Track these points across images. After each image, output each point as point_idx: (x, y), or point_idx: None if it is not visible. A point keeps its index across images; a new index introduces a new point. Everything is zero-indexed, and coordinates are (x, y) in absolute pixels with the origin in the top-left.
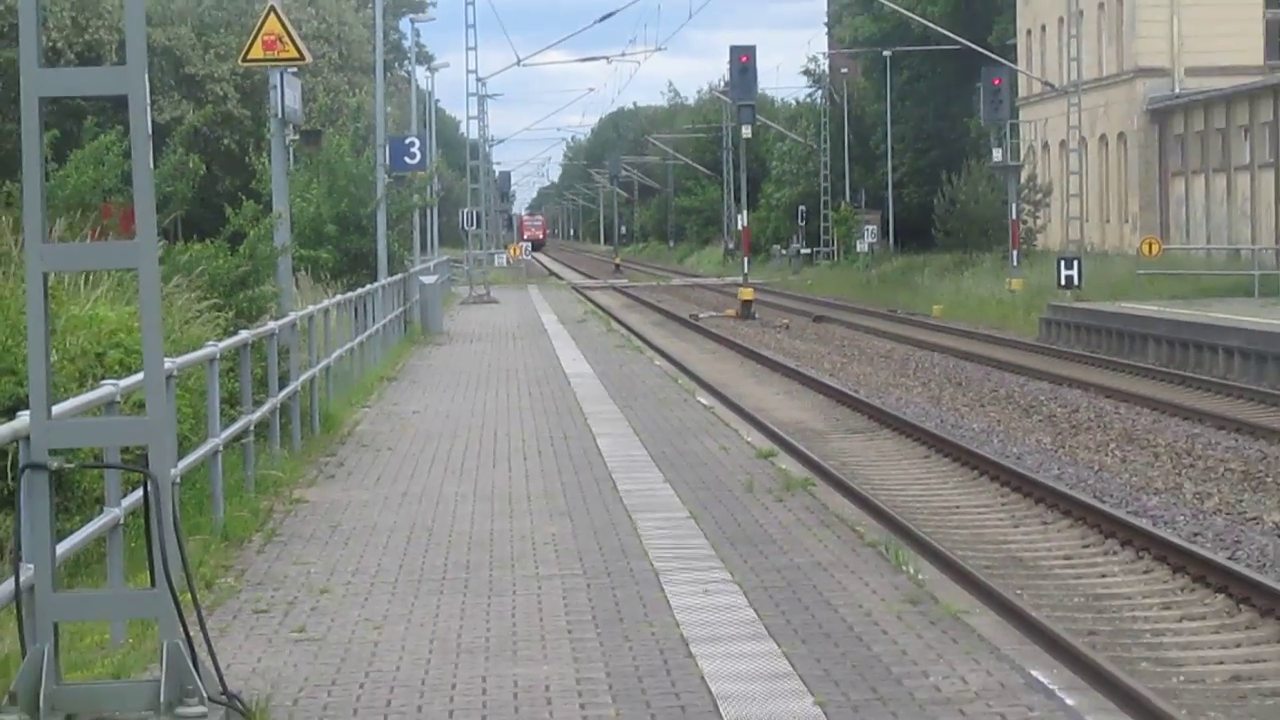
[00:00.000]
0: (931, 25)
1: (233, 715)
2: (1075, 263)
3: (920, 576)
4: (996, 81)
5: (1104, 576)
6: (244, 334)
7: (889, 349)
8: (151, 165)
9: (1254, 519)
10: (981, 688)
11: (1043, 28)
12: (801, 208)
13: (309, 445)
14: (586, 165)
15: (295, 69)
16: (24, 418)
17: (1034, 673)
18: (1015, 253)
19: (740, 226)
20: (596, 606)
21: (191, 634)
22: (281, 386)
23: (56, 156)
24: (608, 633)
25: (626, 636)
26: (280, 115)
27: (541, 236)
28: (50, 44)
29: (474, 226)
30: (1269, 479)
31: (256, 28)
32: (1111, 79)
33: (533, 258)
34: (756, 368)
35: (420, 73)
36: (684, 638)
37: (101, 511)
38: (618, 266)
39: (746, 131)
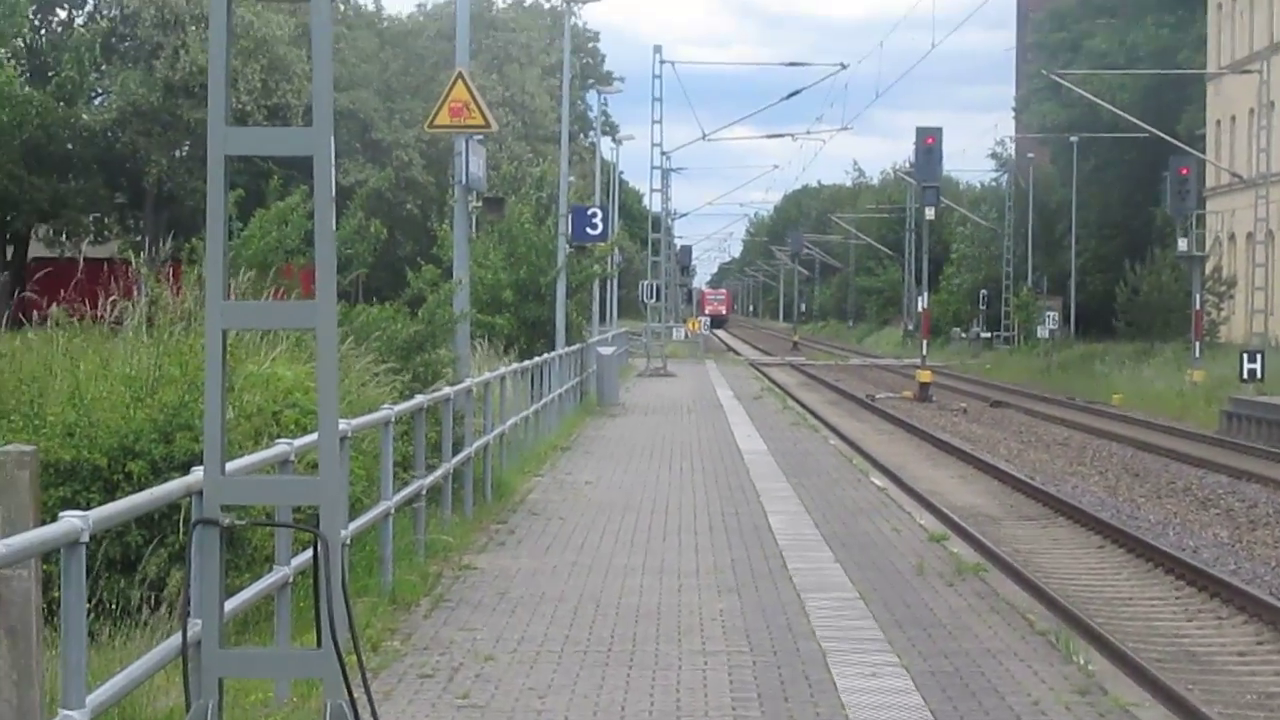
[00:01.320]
0: (1120, 113)
1: None
2: (1259, 356)
3: (1090, 667)
4: (1184, 171)
5: (1278, 674)
6: (420, 398)
7: (1066, 436)
8: (334, 227)
9: None
10: None
11: (1232, 118)
12: (983, 291)
13: (480, 512)
14: (768, 242)
15: (481, 136)
16: (198, 473)
17: None
18: (1198, 344)
19: (920, 308)
20: (762, 685)
21: (355, 696)
22: (455, 452)
23: (241, 215)
24: (772, 712)
25: (791, 717)
26: (464, 181)
27: (724, 312)
28: (239, 106)
29: (653, 299)
30: None
31: (444, 94)
32: None
33: (711, 333)
34: (932, 450)
35: (605, 144)
36: None
37: (271, 569)
38: (795, 344)
39: (930, 213)
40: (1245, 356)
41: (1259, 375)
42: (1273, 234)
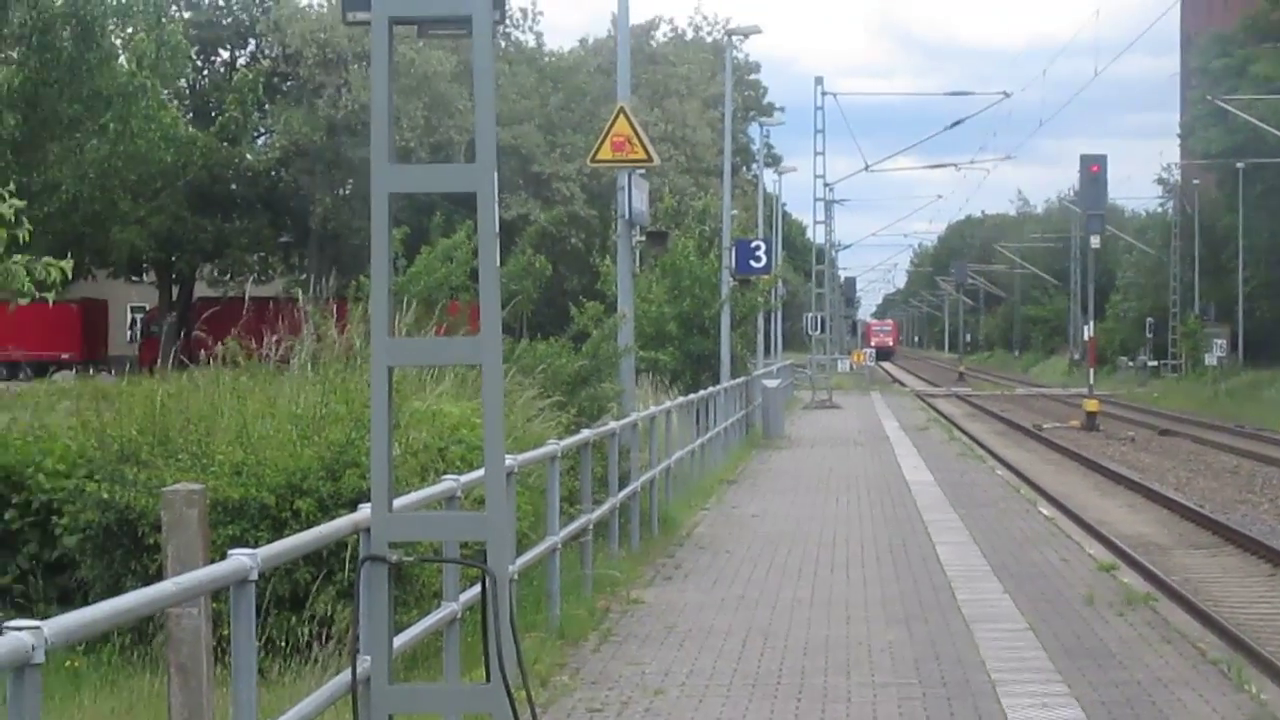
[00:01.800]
0: None
1: None
2: None
3: (1263, 696)
4: None
5: None
6: (585, 433)
7: (1235, 464)
8: (498, 263)
9: None
10: None
11: None
12: (1149, 319)
13: (647, 546)
14: (932, 272)
15: (643, 170)
16: (365, 510)
17: None
18: None
19: (1087, 337)
20: (931, 717)
21: None
22: (621, 486)
23: (406, 253)
24: None
25: None
26: (627, 216)
27: (891, 343)
28: (402, 143)
29: (817, 331)
30: None
31: (606, 129)
32: None
33: (877, 365)
34: (1099, 480)
35: (768, 176)
36: None
37: (439, 605)
38: (961, 374)
39: (1095, 241)
40: None
41: None
42: None
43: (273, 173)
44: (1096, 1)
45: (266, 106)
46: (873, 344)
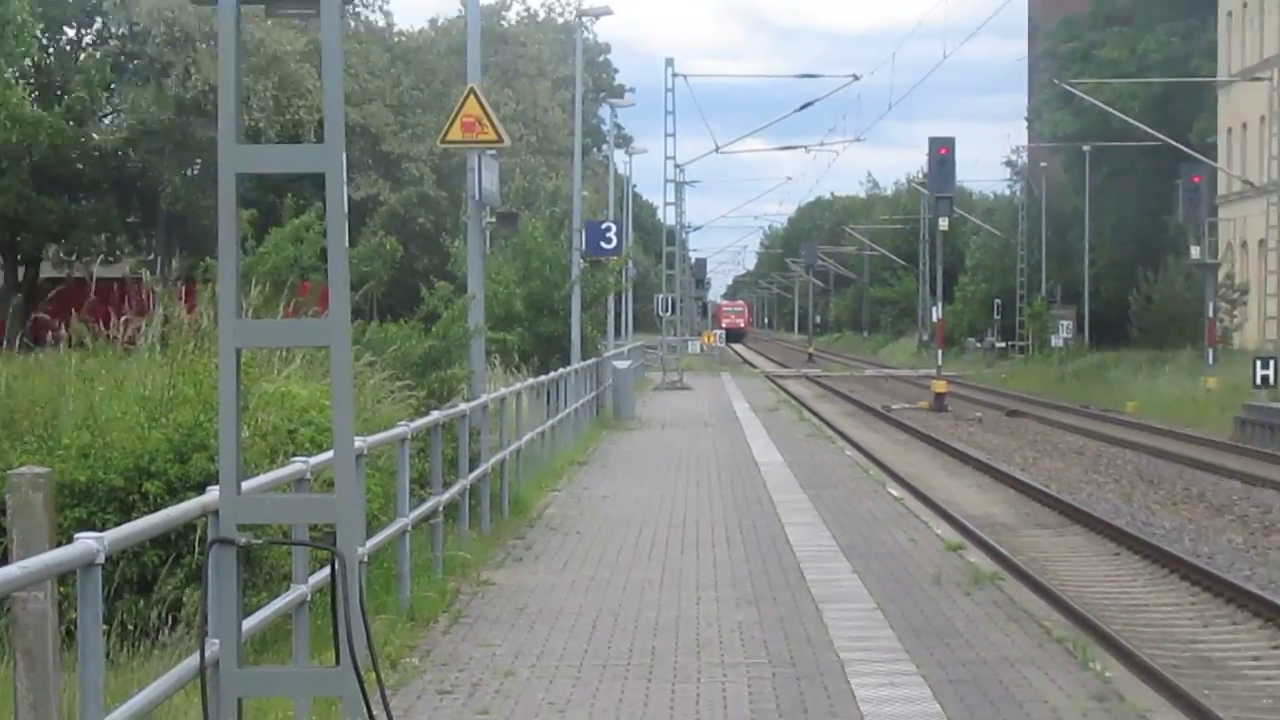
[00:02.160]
0: (1132, 121)
1: None
2: (1271, 363)
3: (1107, 674)
4: (1196, 179)
5: None
6: (435, 414)
7: (1081, 445)
8: (347, 244)
9: None
10: None
11: (1243, 126)
12: (997, 301)
13: (497, 527)
14: (783, 254)
15: (493, 151)
16: (213, 493)
17: None
18: (1210, 351)
19: (935, 319)
20: (781, 697)
21: (375, 714)
22: (471, 468)
23: (257, 234)
24: None
25: None
26: (478, 197)
27: (743, 325)
28: (251, 123)
29: (668, 313)
30: None
31: (455, 109)
32: None
33: (728, 346)
34: (947, 460)
35: (618, 157)
36: None
37: (288, 588)
38: (811, 356)
39: (944, 224)
40: (1258, 363)
41: (1272, 382)
42: None
43: (120, 153)
44: None
45: (114, 86)
46: (724, 325)
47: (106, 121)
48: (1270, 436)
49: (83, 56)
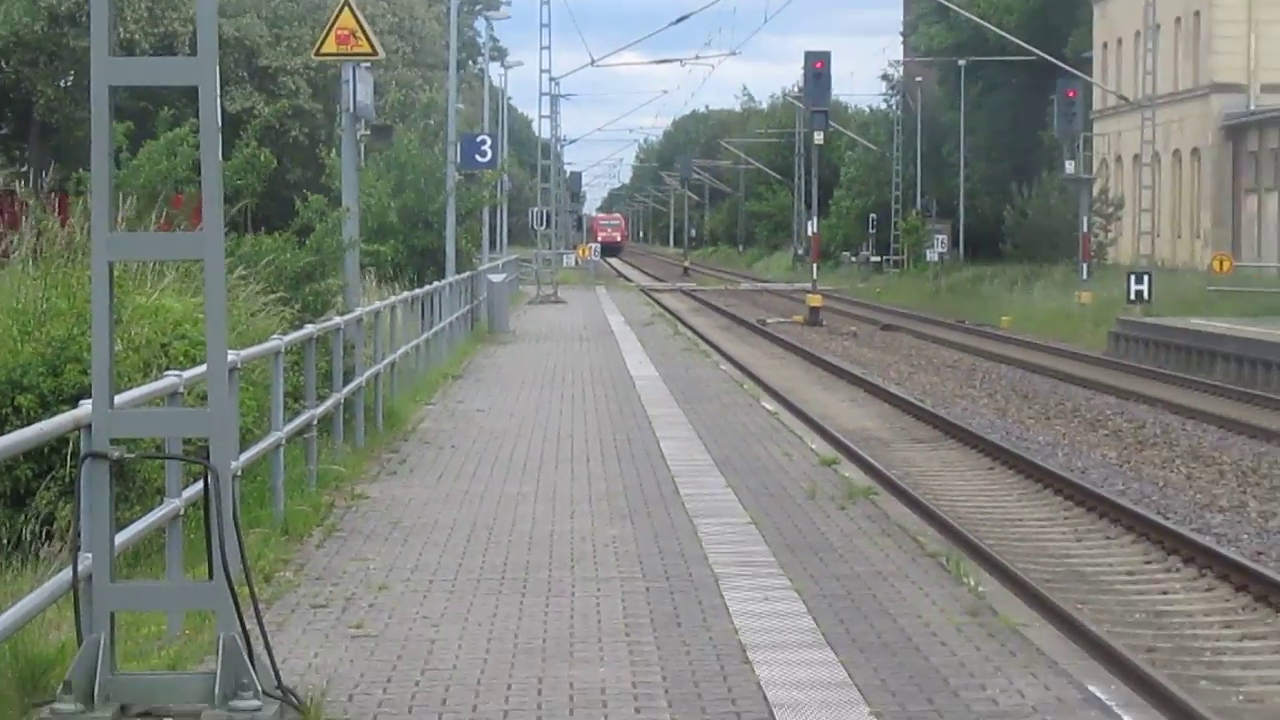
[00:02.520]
0: (1007, 36)
1: (287, 710)
2: (1145, 277)
3: (980, 589)
4: (1071, 94)
5: (1165, 593)
6: (310, 328)
7: (956, 359)
8: (220, 157)
9: None
10: (1039, 702)
11: (1119, 41)
12: (872, 215)
13: (372, 441)
14: (658, 168)
15: (368, 64)
16: (86, 406)
17: (1092, 688)
18: (1085, 266)
19: (810, 233)
20: (654, 610)
21: (248, 627)
22: (346, 382)
23: (132, 147)
24: (665, 637)
25: (684, 641)
26: (352, 110)
27: (619, 239)
28: (125, 35)
29: (543, 226)
30: None
31: (330, 21)
32: (1187, 94)
33: (604, 260)
34: (822, 374)
35: (494, 70)
36: (742, 644)
37: (161, 502)
38: (686, 270)
39: (819, 138)
40: (1132, 278)
41: (1145, 297)
42: (1159, 156)
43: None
44: None
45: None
46: (600, 239)
47: None
48: (1144, 351)
49: None
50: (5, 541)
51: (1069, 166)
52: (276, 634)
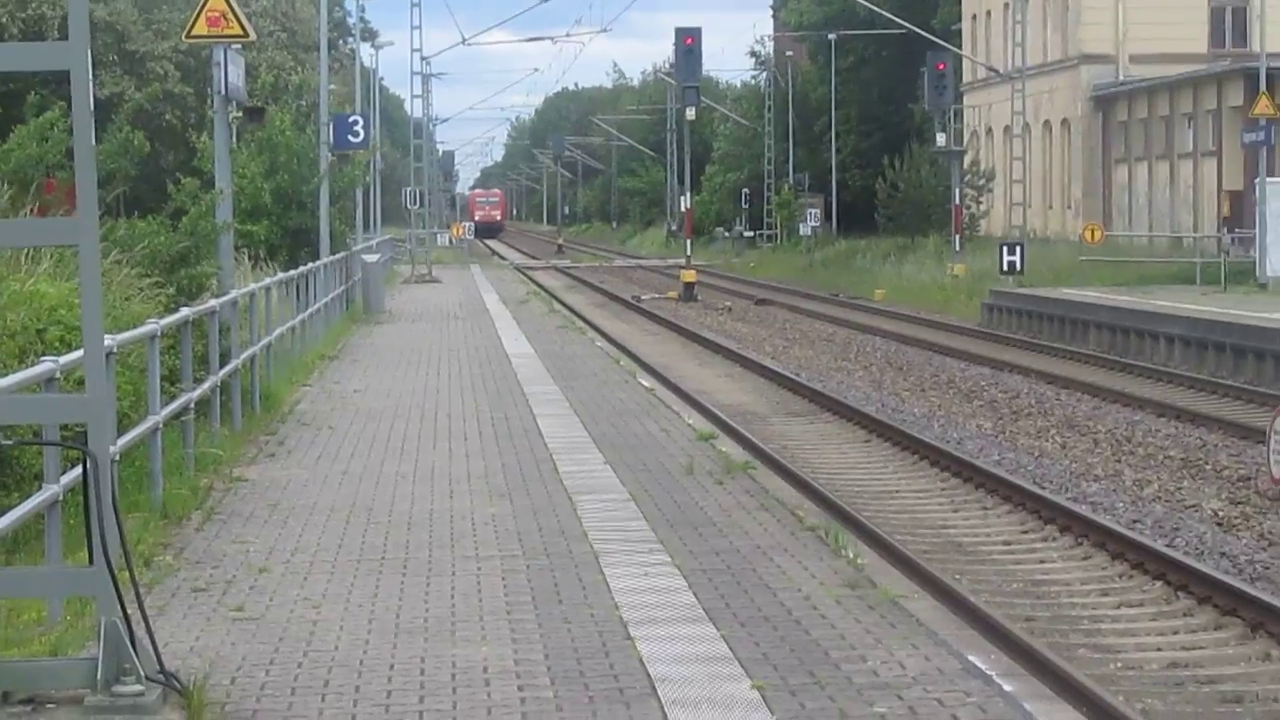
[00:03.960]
0: (876, 9)
1: (169, 694)
2: (1017, 249)
3: (859, 561)
4: (941, 66)
5: (1043, 562)
6: (185, 311)
7: (830, 333)
8: (94, 142)
9: (1193, 506)
10: (919, 672)
11: (988, 13)
12: (745, 190)
13: (249, 423)
14: (530, 146)
15: (239, 46)
16: None
17: (971, 658)
18: (958, 238)
19: (683, 208)
20: (535, 588)
21: (129, 612)
22: (222, 364)
23: (0, 132)
24: (546, 614)
25: (565, 618)
26: (224, 92)
27: (499, 217)
28: None
29: (417, 205)
30: (1208, 466)
31: (200, 4)
32: (1056, 65)
33: (477, 240)
34: (698, 350)
35: (364, 50)
36: (623, 620)
37: (40, 488)
38: (560, 247)
39: (691, 114)
40: (1004, 249)
41: (1018, 268)
42: (1029, 127)
43: None
44: None
45: None
46: (477, 218)
47: None
48: (1017, 322)
49: None
50: None
51: (940, 139)
52: (158, 618)
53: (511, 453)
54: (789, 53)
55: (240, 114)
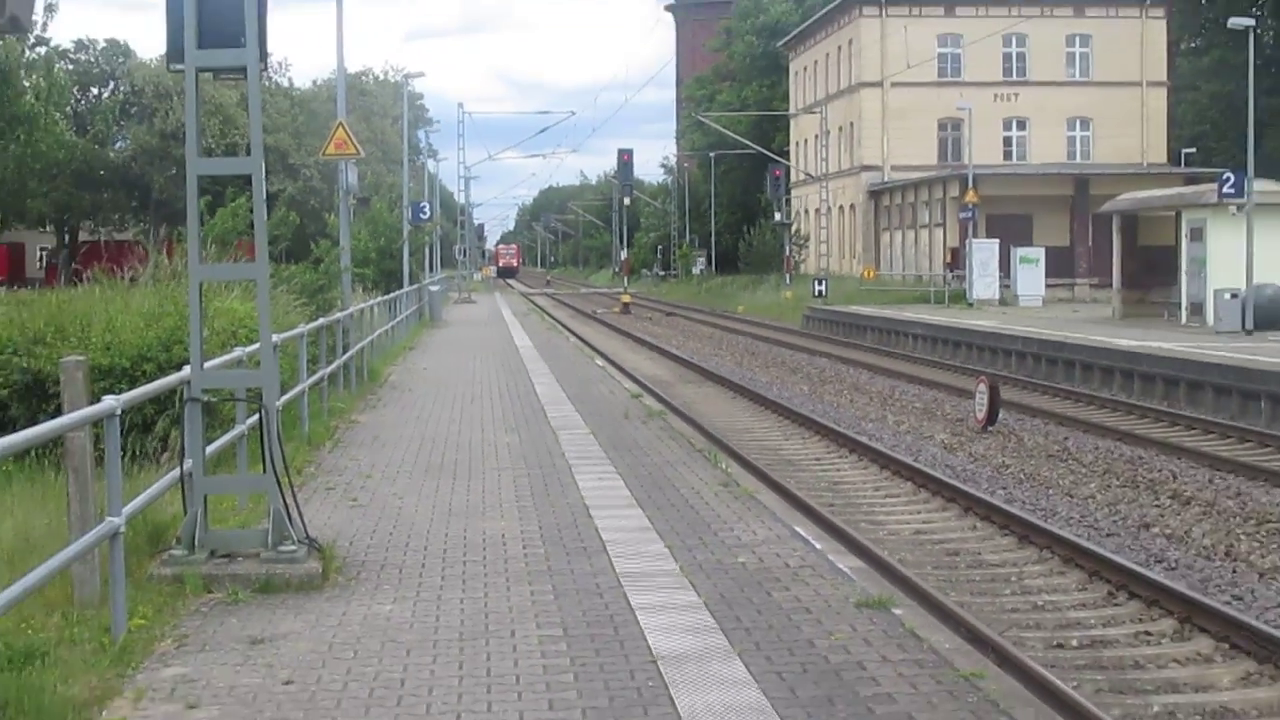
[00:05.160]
0: (739, 138)
1: (312, 551)
2: (823, 282)
3: (729, 470)
4: (777, 173)
5: (839, 471)
6: (321, 320)
7: (710, 333)
8: (265, 217)
9: (929, 437)
10: (766, 537)
11: (805, 140)
12: (659, 246)
13: (360, 388)
14: (531, 219)
15: (354, 160)
16: (186, 370)
17: (798, 529)
18: (787, 275)
19: (623, 257)
20: (533, 487)
21: (287, 501)
22: (344, 352)
23: (210, 211)
24: (539, 503)
25: (551, 505)
26: (345, 188)
27: (515, 264)
28: (206, 145)
29: (462, 256)
30: (939, 413)
31: (331, 135)
32: (846, 171)
33: (499, 279)
34: (632, 343)
35: (430, 163)
36: (586, 506)
37: (233, 427)
38: (549, 281)
39: (627, 201)
40: (815, 282)
41: (824, 293)
42: (830, 209)
43: (127, 164)
44: (626, 56)
45: (122, 122)
46: (501, 263)
47: (118, 145)
48: (823, 326)
49: (103, 103)
50: (139, 453)
51: (777, 216)
52: (305, 506)
53: (518, 405)
54: (685, 164)
55: (355, 202)
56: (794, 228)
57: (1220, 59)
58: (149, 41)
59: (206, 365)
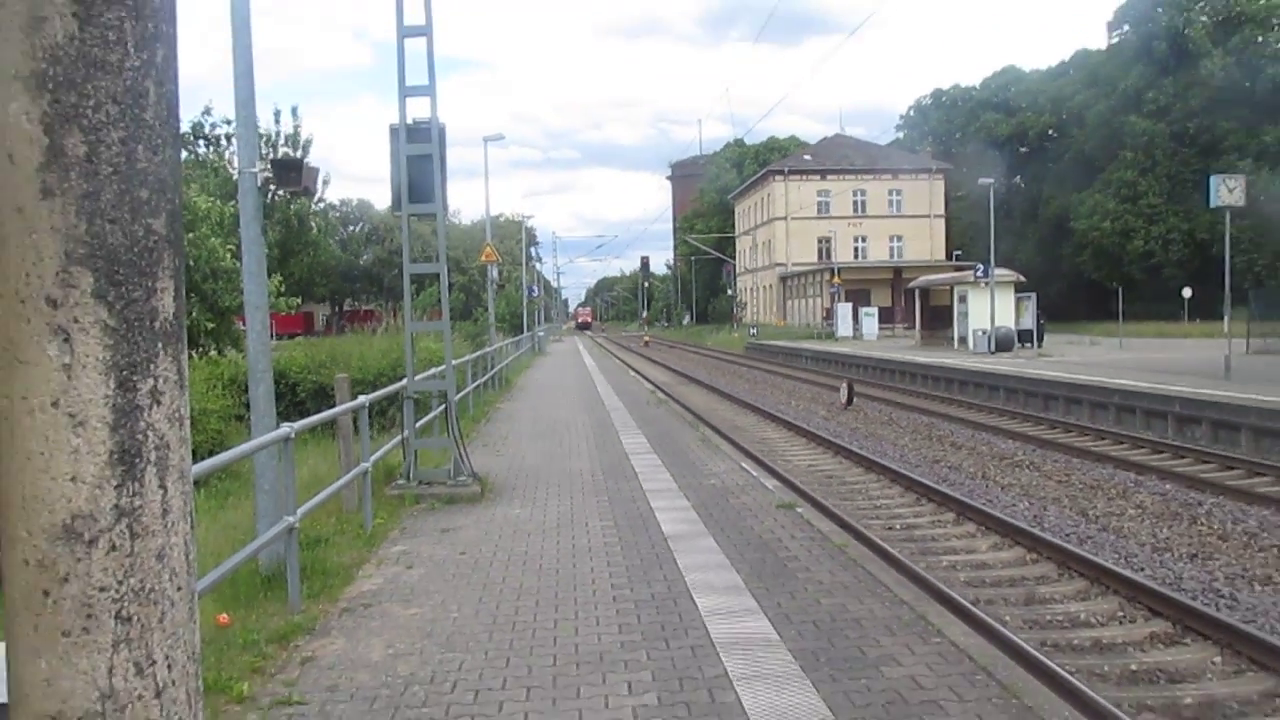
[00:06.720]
0: (708, 249)
1: (475, 480)
2: (755, 328)
3: (704, 433)
4: (729, 268)
5: (765, 432)
6: (478, 353)
7: (694, 357)
8: (448, 295)
9: (814, 412)
10: (726, 469)
11: (745, 250)
12: (665, 308)
13: (501, 389)
14: (594, 295)
15: (495, 264)
16: (403, 382)
17: (743, 464)
18: (735, 325)
19: (643, 316)
20: (597, 443)
21: (462, 453)
22: (490, 369)
23: (417, 294)
24: (600, 452)
25: (606, 452)
26: (494, 281)
27: (590, 320)
28: (414, 254)
29: (554, 315)
30: (823, 399)
31: (482, 249)
32: (767, 266)
33: (579, 331)
34: (649, 364)
35: (536, 265)
36: (626, 453)
37: (430, 413)
38: (603, 330)
39: (646, 285)
40: (750, 329)
41: (756, 334)
42: (760, 287)
43: (371, 266)
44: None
45: (366, 245)
46: (579, 320)
47: (364, 257)
48: (758, 354)
49: (355, 234)
50: (381, 428)
51: (730, 291)
52: (470, 455)
53: (591, 399)
54: (681, 265)
55: (498, 287)
56: (738, 298)
57: (975, 202)
58: (381, 198)
59: (416, 378)
